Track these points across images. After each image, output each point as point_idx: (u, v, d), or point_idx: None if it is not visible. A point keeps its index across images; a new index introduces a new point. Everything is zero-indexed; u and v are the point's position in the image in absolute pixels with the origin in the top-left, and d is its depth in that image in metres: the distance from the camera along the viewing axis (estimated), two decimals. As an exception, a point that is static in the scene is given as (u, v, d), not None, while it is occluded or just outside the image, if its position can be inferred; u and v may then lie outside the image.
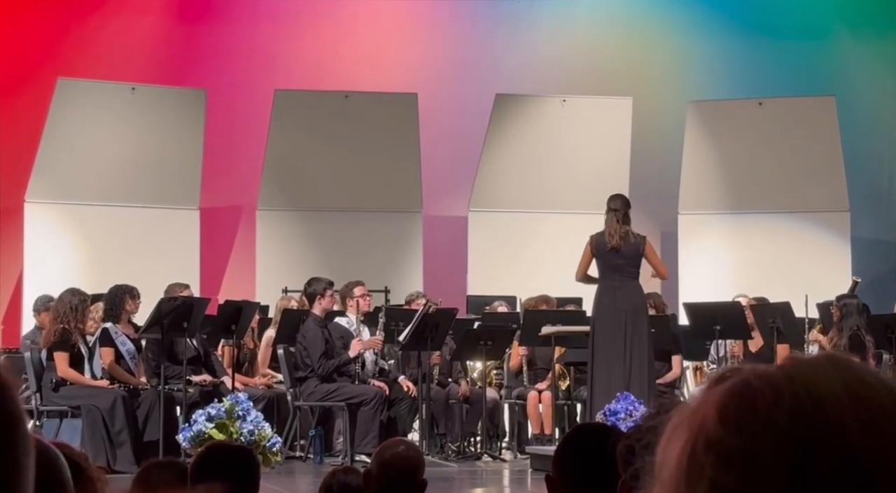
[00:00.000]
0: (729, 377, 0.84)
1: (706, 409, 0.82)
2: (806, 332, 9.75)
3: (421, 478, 3.55)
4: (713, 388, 0.84)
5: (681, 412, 0.84)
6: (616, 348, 8.44)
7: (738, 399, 0.81)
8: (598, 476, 2.38)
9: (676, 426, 0.84)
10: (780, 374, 0.83)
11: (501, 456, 9.56)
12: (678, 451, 0.82)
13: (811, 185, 12.20)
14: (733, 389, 0.82)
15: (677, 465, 0.82)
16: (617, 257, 8.56)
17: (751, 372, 0.83)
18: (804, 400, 0.80)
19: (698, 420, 0.82)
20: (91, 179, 11.54)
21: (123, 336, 8.74)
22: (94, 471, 1.87)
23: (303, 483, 8.09)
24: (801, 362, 0.84)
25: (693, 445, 0.81)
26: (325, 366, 9.05)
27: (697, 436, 0.81)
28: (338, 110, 12.22)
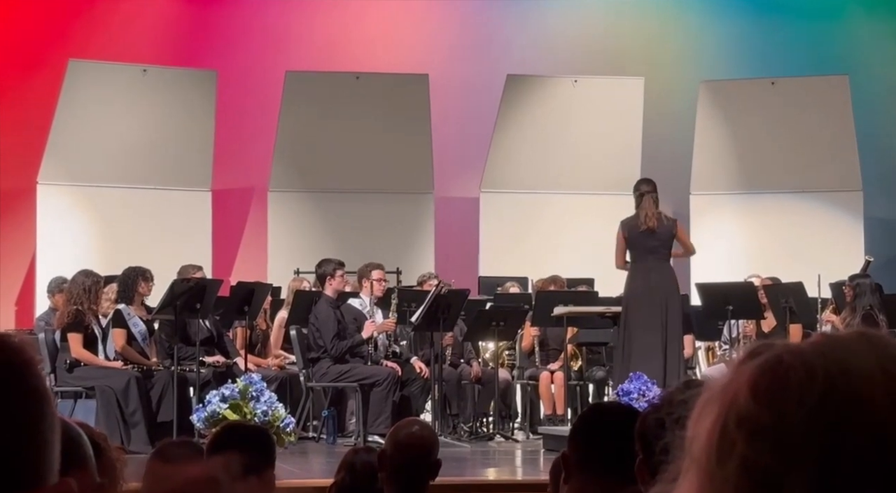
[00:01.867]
0: (761, 352, 0.84)
1: (738, 384, 0.82)
2: (819, 312, 9.74)
3: (435, 458, 3.57)
4: (745, 363, 0.83)
5: (712, 386, 0.84)
6: (654, 329, 8.45)
7: (770, 375, 0.81)
8: (615, 456, 2.38)
9: (707, 400, 0.83)
10: (812, 350, 0.82)
11: (514, 436, 9.58)
12: (709, 426, 0.82)
13: (824, 164, 12.16)
14: (766, 365, 0.82)
15: (708, 440, 0.81)
16: (652, 239, 8.58)
17: (783, 348, 0.83)
18: (836, 377, 0.80)
19: (730, 395, 0.82)
20: (103, 161, 11.56)
21: (136, 318, 8.76)
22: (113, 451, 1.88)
23: (316, 463, 8.11)
24: (834, 338, 0.83)
25: (724, 420, 0.81)
26: (337, 347, 9.07)
27: (729, 411, 0.81)
28: (349, 91, 12.20)
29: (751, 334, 9.85)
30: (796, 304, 9.35)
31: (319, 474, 6.95)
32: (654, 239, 8.62)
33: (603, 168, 12.17)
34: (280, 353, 9.91)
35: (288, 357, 9.78)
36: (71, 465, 1.29)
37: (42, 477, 0.90)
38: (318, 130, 12.15)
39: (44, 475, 0.90)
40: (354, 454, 3.92)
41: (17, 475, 0.88)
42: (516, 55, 13.01)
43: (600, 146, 12.29)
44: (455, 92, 12.83)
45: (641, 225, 8.58)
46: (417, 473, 3.50)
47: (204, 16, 12.88)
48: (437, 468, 3.57)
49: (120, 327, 8.66)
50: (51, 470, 0.91)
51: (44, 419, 0.89)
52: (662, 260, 8.67)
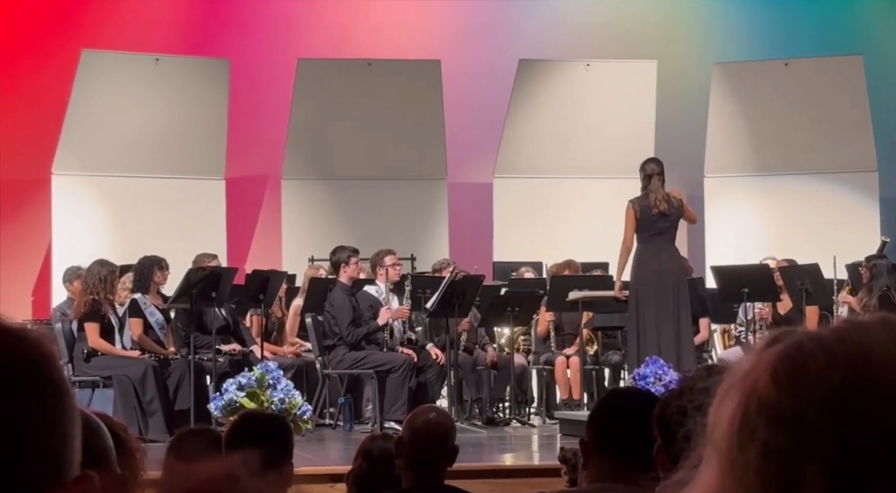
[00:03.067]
0: (782, 339, 0.83)
1: (759, 371, 0.82)
2: (835, 293, 9.71)
3: (452, 444, 3.57)
4: (766, 350, 0.83)
5: (733, 373, 0.84)
6: (665, 311, 8.42)
7: (790, 362, 0.81)
8: (633, 441, 2.38)
9: (729, 387, 0.83)
10: (833, 337, 0.82)
11: (530, 422, 9.58)
12: (730, 412, 0.82)
13: (839, 145, 12.11)
14: (786, 351, 0.82)
15: (729, 426, 0.81)
16: (663, 221, 8.54)
17: (804, 335, 0.83)
18: (857, 364, 0.80)
19: (751, 382, 0.82)
20: (117, 151, 11.58)
21: (152, 307, 8.78)
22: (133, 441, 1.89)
23: (333, 450, 8.13)
24: (855, 324, 0.83)
25: (745, 406, 0.81)
26: (353, 334, 9.08)
27: (750, 397, 0.81)
28: (361, 78, 12.19)
29: (766, 316, 9.82)
30: (812, 285, 9.32)
31: (337, 461, 6.97)
32: (664, 221, 8.59)
33: (616, 152, 12.13)
34: (296, 340, 9.93)
35: (304, 345, 9.80)
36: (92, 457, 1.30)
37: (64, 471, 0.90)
38: (331, 118, 12.15)
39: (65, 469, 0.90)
40: (371, 441, 3.93)
41: (39, 470, 0.88)
42: (528, 40, 12.98)
43: (613, 130, 12.26)
44: (467, 77, 12.80)
45: (653, 208, 8.54)
46: (435, 459, 3.51)
47: (215, 4, 12.87)
48: (454, 454, 3.57)
49: (136, 317, 8.69)
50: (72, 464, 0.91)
51: (64, 413, 0.90)
52: (670, 241, 8.65)
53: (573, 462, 3.74)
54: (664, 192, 8.61)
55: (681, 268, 8.75)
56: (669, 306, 8.46)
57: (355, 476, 3.85)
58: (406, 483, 3.48)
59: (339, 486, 4.87)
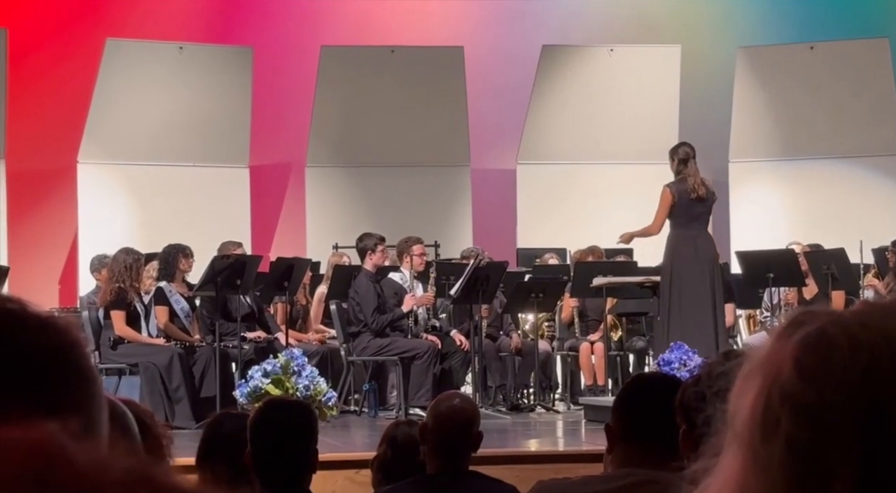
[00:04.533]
0: (804, 322, 0.82)
1: (782, 358, 0.80)
2: (861, 278, 9.65)
3: (477, 430, 3.58)
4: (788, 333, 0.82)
5: (752, 358, 0.83)
6: (701, 297, 8.36)
7: (814, 350, 0.80)
8: (659, 426, 2.38)
9: (749, 373, 0.82)
10: (855, 321, 0.80)
11: (554, 408, 9.58)
12: (751, 400, 0.81)
13: (864, 129, 12.02)
14: (809, 338, 0.80)
15: (751, 415, 0.80)
16: (699, 206, 8.45)
17: (827, 319, 0.81)
18: (881, 351, 0.78)
19: (773, 369, 0.80)
20: (142, 139, 11.63)
21: (178, 295, 8.82)
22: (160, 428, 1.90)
23: (358, 436, 8.16)
24: (879, 308, 0.82)
25: (768, 395, 0.80)
26: (378, 321, 9.10)
27: (772, 386, 0.80)
28: (384, 65, 12.18)
29: (792, 301, 9.78)
30: (838, 270, 9.27)
31: (361, 447, 6.99)
32: (701, 206, 8.49)
33: (640, 137, 12.09)
34: (320, 328, 9.95)
35: (328, 332, 9.82)
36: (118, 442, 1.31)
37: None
38: (355, 105, 12.16)
39: None
40: (396, 428, 3.94)
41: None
42: (551, 25, 12.94)
43: (637, 115, 12.21)
44: (490, 64, 12.78)
45: (691, 192, 8.42)
46: (459, 445, 3.51)
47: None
48: (478, 440, 3.58)
49: (162, 305, 8.73)
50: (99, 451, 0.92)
51: (92, 400, 0.90)
52: (705, 227, 8.59)
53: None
54: (700, 176, 8.52)
55: (715, 254, 8.67)
56: (707, 293, 8.38)
57: (380, 462, 3.86)
58: (431, 469, 3.49)
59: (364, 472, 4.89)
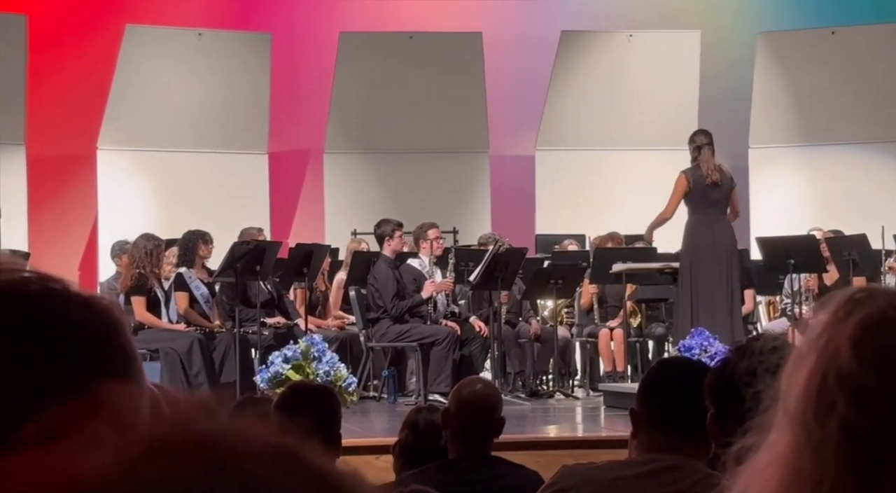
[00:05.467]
0: (861, 302, 0.81)
1: (839, 339, 0.79)
2: (882, 264, 9.60)
3: (499, 416, 3.58)
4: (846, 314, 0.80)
5: (808, 336, 0.81)
6: (718, 283, 8.40)
7: (874, 334, 0.78)
8: (685, 412, 2.37)
9: (805, 351, 0.81)
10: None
11: (574, 394, 9.58)
12: (805, 379, 0.79)
13: (886, 114, 11.95)
14: (869, 321, 0.79)
15: (805, 394, 0.79)
16: (715, 191, 8.52)
17: (886, 302, 0.80)
18: None
19: (829, 350, 0.79)
20: (161, 126, 11.65)
21: (198, 281, 8.85)
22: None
23: (378, 422, 8.17)
24: None
25: (823, 375, 0.78)
26: (398, 307, 9.10)
27: (828, 367, 0.78)
28: (403, 51, 12.16)
29: (812, 287, 9.74)
30: (859, 256, 9.22)
31: (381, 432, 7.01)
32: (717, 192, 8.55)
33: (660, 123, 12.05)
34: (340, 314, 9.97)
35: (347, 318, 9.84)
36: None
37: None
38: (373, 91, 12.15)
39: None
40: (417, 413, 3.95)
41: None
42: (570, 11, 12.89)
43: (657, 101, 12.17)
44: (509, 50, 12.74)
45: (706, 178, 8.50)
46: (481, 431, 3.52)
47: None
48: (500, 425, 3.58)
49: (182, 291, 8.75)
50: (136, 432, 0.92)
51: (133, 379, 0.90)
52: (722, 213, 8.61)
53: None
54: (715, 161, 8.59)
55: (734, 240, 8.70)
56: (723, 279, 8.42)
57: (402, 447, 3.87)
58: (453, 454, 3.49)
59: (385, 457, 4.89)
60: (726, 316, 8.36)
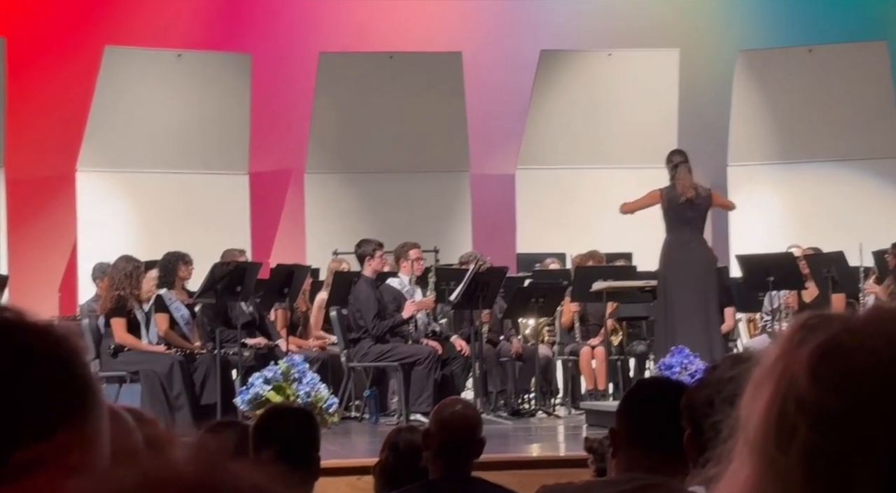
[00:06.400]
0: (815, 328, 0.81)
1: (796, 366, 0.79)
2: (861, 281, 9.65)
3: (479, 436, 3.57)
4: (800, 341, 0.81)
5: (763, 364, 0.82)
6: (694, 301, 8.44)
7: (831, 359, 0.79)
8: (664, 431, 2.37)
9: (761, 380, 0.81)
10: (871, 330, 0.80)
11: (555, 412, 9.57)
12: (764, 407, 0.80)
13: (863, 132, 12.03)
14: (825, 347, 0.80)
15: (764, 422, 0.79)
16: (691, 210, 8.57)
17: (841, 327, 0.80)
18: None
19: (787, 377, 0.79)
20: (141, 147, 11.62)
21: (178, 302, 8.82)
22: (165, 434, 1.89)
23: (360, 443, 8.15)
24: (890, 315, 0.81)
25: (782, 403, 0.79)
26: (378, 327, 9.09)
27: (787, 394, 0.79)
28: (383, 71, 12.18)
29: (792, 304, 9.78)
30: (838, 273, 9.27)
31: (363, 453, 6.99)
32: (692, 210, 8.61)
33: (639, 141, 12.09)
34: (321, 334, 9.95)
35: (329, 338, 9.82)
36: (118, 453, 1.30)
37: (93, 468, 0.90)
38: (354, 111, 12.16)
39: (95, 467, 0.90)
40: (398, 434, 3.94)
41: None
42: (550, 30, 12.94)
43: (636, 119, 12.21)
44: (489, 69, 12.78)
45: (680, 197, 8.56)
46: (462, 451, 3.51)
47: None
48: (481, 446, 3.57)
49: (162, 312, 8.72)
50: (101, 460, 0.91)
51: (93, 410, 0.90)
52: (699, 232, 8.67)
53: (600, 452, 3.74)
54: (691, 179, 8.64)
55: (710, 258, 8.75)
56: (699, 297, 8.46)
57: (382, 468, 3.86)
58: (433, 475, 3.49)
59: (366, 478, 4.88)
60: (702, 333, 8.40)
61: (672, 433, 2.28)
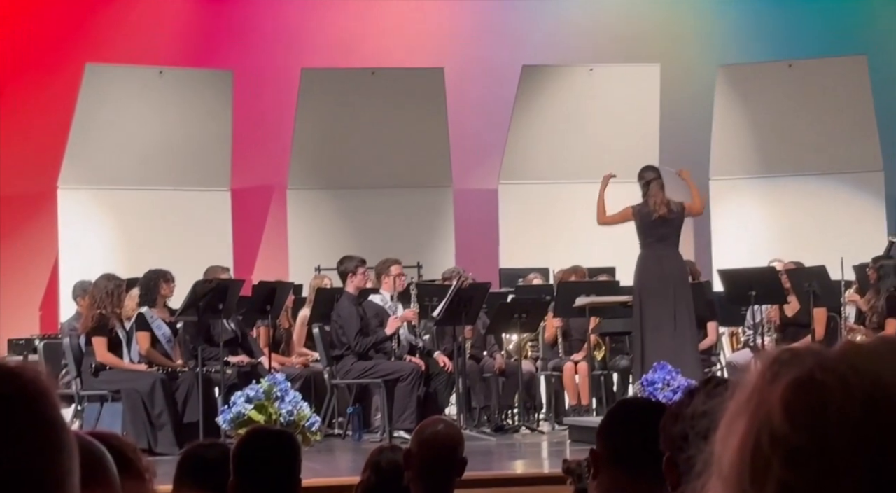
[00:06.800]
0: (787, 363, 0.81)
1: (770, 403, 0.79)
2: (843, 294, 9.68)
3: (461, 456, 3.56)
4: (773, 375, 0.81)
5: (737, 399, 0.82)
6: (666, 316, 8.47)
7: (804, 395, 0.79)
8: (645, 453, 2.37)
9: (735, 416, 0.81)
10: (845, 366, 0.80)
11: (539, 428, 9.57)
12: (737, 443, 0.80)
13: (844, 145, 12.08)
14: (799, 383, 0.80)
15: (739, 458, 0.79)
16: (664, 226, 8.61)
17: (814, 363, 0.80)
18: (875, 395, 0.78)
19: (761, 413, 0.79)
20: (122, 164, 11.59)
21: (159, 320, 8.78)
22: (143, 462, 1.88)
23: (343, 461, 8.12)
24: (862, 350, 0.81)
25: (756, 439, 0.79)
26: (361, 343, 9.08)
27: (760, 430, 0.79)
28: (365, 87, 12.19)
29: (774, 318, 9.80)
30: (820, 287, 9.30)
31: (346, 471, 6.96)
32: (665, 226, 8.65)
33: (621, 156, 12.09)
34: (304, 351, 9.92)
35: (311, 355, 9.79)
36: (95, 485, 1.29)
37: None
38: (336, 127, 12.15)
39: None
40: (380, 453, 3.92)
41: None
42: (531, 45, 12.97)
43: (618, 134, 12.24)
44: (471, 84, 12.80)
45: (653, 213, 8.60)
46: (444, 471, 3.50)
47: (218, 16, 12.89)
48: (463, 465, 3.56)
49: (144, 331, 8.69)
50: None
51: (62, 450, 0.89)
52: (673, 247, 8.72)
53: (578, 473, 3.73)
54: (663, 196, 8.69)
55: (683, 273, 8.80)
56: (670, 312, 8.50)
57: (364, 488, 3.84)
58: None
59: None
60: (676, 349, 8.43)
61: (653, 454, 2.27)
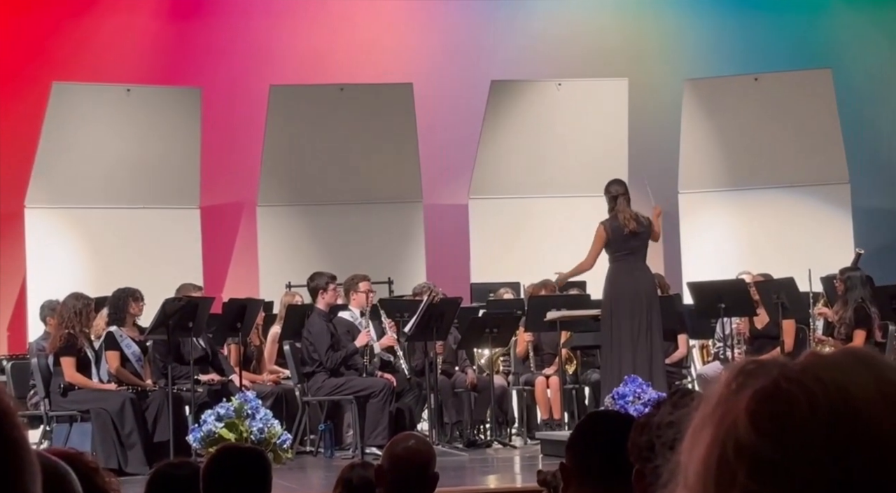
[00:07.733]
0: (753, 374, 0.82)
1: (735, 413, 0.80)
2: (811, 306, 9.74)
3: (433, 471, 3.55)
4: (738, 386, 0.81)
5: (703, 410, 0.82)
6: (639, 329, 8.51)
7: (770, 405, 0.79)
8: (614, 465, 2.37)
9: (700, 426, 0.82)
10: (810, 377, 0.80)
11: (511, 443, 9.56)
12: (703, 452, 0.80)
13: (810, 158, 12.18)
14: (764, 393, 0.80)
15: (704, 467, 0.80)
16: (634, 240, 8.67)
17: (780, 374, 0.81)
18: (840, 407, 0.79)
19: (727, 423, 0.80)
20: (90, 182, 11.53)
21: (128, 339, 8.73)
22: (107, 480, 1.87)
23: (315, 478, 8.09)
24: (827, 362, 0.82)
25: (722, 448, 0.79)
26: (332, 359, 9.05)
27: (726, 440, 0.79)
28: (334, 103, 12.19)
29: (744, 330, 9.85)
30: (788, 299, 9.36)
31: (318, 488, 6.94)
32: (635, 240, 8.71)
33: (590, 170, 12.16)
34: (275, 368, 9.88)
35: (283, 372, 9.75)
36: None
37: None
38: (305, 143, 12.14)
39: None
40: (351, 470, 3.91)
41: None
42: (499, 60, 13.02)
43: (587, 148, 12.29)
44: (440, 100, 12.82)
45: (624, 228, 8.66)
46: (415, 487, 3.49)
47: (185, 33, 12.86)
48: (434, 481, 3.55)
49: (113, 350, 8.63)
50: None
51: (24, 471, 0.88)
52: (642, 259, 8.79)
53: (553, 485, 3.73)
54: (631, 211, 8.76)
55: (654, 287, 8.86)
56: (644, 325, 8.54)
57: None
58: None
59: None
60: (645, 362, 8.48)
61: (621, 467, 2.28)
